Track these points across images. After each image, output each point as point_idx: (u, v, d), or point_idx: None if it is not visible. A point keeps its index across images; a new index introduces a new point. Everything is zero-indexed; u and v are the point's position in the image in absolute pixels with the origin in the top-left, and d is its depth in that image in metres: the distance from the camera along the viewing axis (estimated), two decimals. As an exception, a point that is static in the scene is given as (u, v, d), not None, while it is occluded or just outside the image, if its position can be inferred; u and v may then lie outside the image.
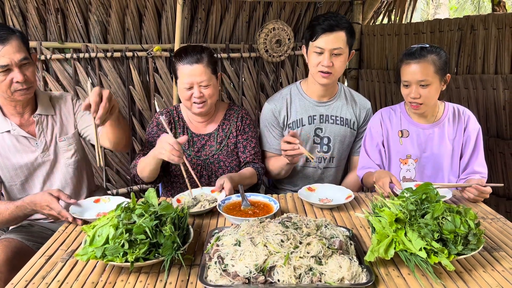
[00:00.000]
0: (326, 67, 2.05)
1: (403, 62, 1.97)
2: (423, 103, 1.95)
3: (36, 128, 1.91)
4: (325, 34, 2.02)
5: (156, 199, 1.41)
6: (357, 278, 1.17)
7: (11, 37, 1.72)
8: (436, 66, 1.90)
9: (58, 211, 1.64)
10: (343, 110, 2.27)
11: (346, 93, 2.32)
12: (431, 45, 1.97)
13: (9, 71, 1.73)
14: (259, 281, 1.14)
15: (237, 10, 3.32)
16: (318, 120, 2.25)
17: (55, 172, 1.97)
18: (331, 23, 2.01)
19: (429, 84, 1.91)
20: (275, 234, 1.25)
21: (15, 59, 1.72)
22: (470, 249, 1.25)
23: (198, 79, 1.96)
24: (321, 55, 2.05)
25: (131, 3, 2.96)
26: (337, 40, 2.03)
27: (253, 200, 1.77)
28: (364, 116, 2.30)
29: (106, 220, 1.32)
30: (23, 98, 1.81)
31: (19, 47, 1.74)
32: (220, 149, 2.14)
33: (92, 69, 3.04)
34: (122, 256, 1.22)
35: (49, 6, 2.80)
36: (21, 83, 1.75)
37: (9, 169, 1.88)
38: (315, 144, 2.28)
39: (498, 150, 2.61)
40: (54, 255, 1.39)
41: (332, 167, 2.33)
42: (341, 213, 1.71)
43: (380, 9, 3.83)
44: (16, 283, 1.23)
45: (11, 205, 1.73)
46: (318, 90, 2.23)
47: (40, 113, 1.92)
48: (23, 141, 1.89)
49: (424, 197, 1.37)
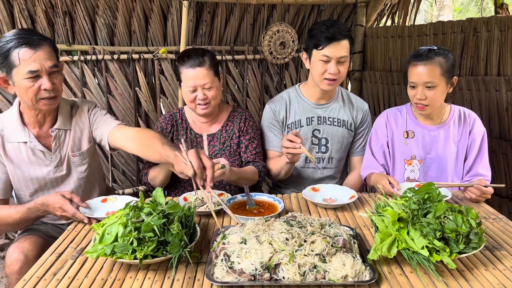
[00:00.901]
0: (333, 74, 2.11)
1: (410, 63, 1.99)
2: (429, 104, 1.97)
3: (53, 143, 1.87)
4: (332, 43, 2.07)
5: (164, 198, 1.44)
6: (361, 276, 1.19)
7: (43, 43, 1.71)
8: (443, 69, 1.92)
9: (72, 213, 1.63)
10: (340, 112, 2.32)
11: (344, 96, 2.37)
12: (439, 47, 1.99)
13: (38, 77, 1.70)
14: (264, 278, 1.17)
15: (242, 12, 3.35)
16: (316, 122, 2.31)
17: (66, 184, 1.95)
18: (336, 32, 2.06)
19: (435, 86, 1.93)
20: (280, 233, 1.28)
21: (45, 65, 1.70)
22: (471, 247, 1.27)
23: (201, 82, 2.01)
24: (327, 63, 2.11)
25: (138, 6, 3.00)
26: (342, 49, 2.09)
27: (258, 199, 1.80)
28: (361, 117, 2.35)
29: (115, 219, 1.36)
30: (47, 108, 1.79)
31: (50, 54, 1.73)
32: (223, 149, 2.18)
33: (99, 71, 3.08)
34: (131, 254, 1.25)
35: (57, 9, 2.84)
36: (48, 91, 1.72)
37: (20, 179, 1.87)
38: (313, 145, 2.34)
39: (501, 151, 2.62)
40: (64, 252, 1.42)
41: (331, 167, 2.37)
42: (344, 212, 1.73)
43: (383, 11, 3.84)
44: (28, 279, 1.26)
45: (22, 208, 1.72)
46: (317, 93, 2.29)
47: (58, 127, 1.88)
48: (39, 154, 1.86)
49: (426, 196, 1.39)
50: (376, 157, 2.16)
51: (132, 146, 1.86)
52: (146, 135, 1.82)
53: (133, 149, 1.87)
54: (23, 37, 1.68)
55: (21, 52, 1.66)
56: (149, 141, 1.75)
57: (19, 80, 1.69)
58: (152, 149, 1.73)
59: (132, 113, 3.22)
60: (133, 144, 1.85)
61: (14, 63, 1.67)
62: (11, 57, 1.66)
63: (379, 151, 2.16)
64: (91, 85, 3.06)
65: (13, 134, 1.83)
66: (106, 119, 1.97)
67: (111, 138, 1.93)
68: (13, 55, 1.66)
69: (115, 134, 1.91)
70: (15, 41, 1.66)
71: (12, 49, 1.66)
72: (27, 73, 1.67)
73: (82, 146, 1.96)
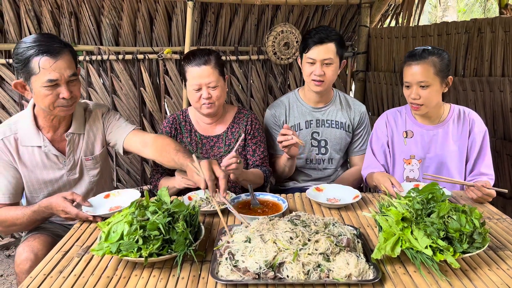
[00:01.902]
0: (318, 76, 2.20)
1: (405, 63, 2.01)
2: (423, 104, 1.98)
3: (67, 147, 1.88)
4: (316, 46, 2.18)
5: (169, 197, 1.45)
6: (364, 275, 1.19)
7: (64, 51, 1.69)
8: (436, 68, 1.93)
9: (74, 214, 1.64)
10: (338, 114, 2.40)
11: (341, 99, 2.45)
12: (434, 47, 2.00)
13: (57, 86, 1.69)
14: (268, 277, 1.18)
15: (246, 13, 3.37)
16: (314, 125, 2.39)
17: (78, 188, 1.96)
18: (321, 36, 2.17)
19: (428, 86, 1.94)
20: (284, 232, 1.28)
21: (65, 75, 1.69)
22: (475, 247, 1.27)
23: (206, 80, 2.03)
24: (313, 65, 2.22)
25: (143, 7, 3.02)
26: (327, 51, 2.18)
27: (262, 199, 1.80)
28: (359, 119, 2.42)
29: (120, 217, 1.37)
30: (63, 114, 1.79)
31: (70, 62, 1.71)
32: (229, 151, 2.18)
33: (104, 71, 3.10)
34: (136, 252, 1.26)
35: (63, 10, 2.86)
36: (67, 100, 1.72)
37: (33, 182, 1.87)
38: (313, 147, 2.41)
39: (505, 152, 2.62)
40: (70, 250, 1.44)
41: (331, 168, 2.45)
42: (348, 212, 1.74)
43: (387, 12, 3.85)
44: (35, 276, 1.27)
45: (28, 210, 1.73)
46: (313, 96, 2.38)
47: (73, 131, 1.88)
48: (52, 158, 1.87)
49: (430, 196, 1.39)
50: (377, 156, 2.18)
51: (149, 152, 1.89)
52: (162, 142, 1.85)
53: (149, 155, 1.90)
54: (44, 45, 1.65)
55: (42, 61, 1.64)
56: (164, 148, 1.80)
57: (37, 87, 1.68)
58: (167, 156, 1.78)
59: (136, 113, 3.24)
60: (150, 150, 1.88)
61: (34, 71, 1.65)
62: (31, 65, 1.65)
63: (379, 151, 2.18)
64: (96, 85, 3.08)
65: (27, 138, 1.82)
66: (120, 123, 1.99)
67: (126, 143, 1.95)
68: (33, 63, 1.65)
69: (132, 139, 1.94)
70: (36, 48, 1.64)
71: (32, 57, 1.64)
72: (46, 82, 1.66)
73: (95, 150, 1.97)
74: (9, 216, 1.76)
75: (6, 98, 2.89)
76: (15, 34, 2.82)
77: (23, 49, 1.66)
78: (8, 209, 1.79)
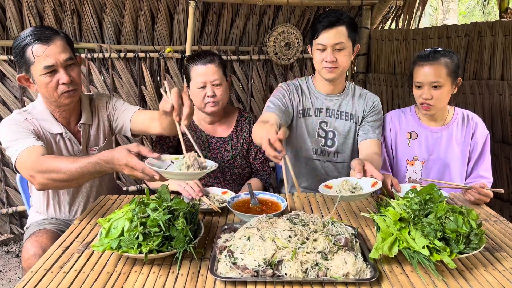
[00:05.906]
0: (330, 62, 2.04)
1: (416, 64, 2.02)
2: (434, 104, 2.00)
3: (82, 138, 1.90)
4: (326, 30, 2.01)
5: (169, 195, 1.47)
6: (362, 274, 1.21)
7: (55, 37, 1.70)
8: (448, 69, 1.95)
9: (141, 168, 1.42)
10: (349, 105, 2.23)
11: (355, 91, 2.27)
12: (444, 49, 2.03)
13: (55, 72, 1.70)
14: (267, 274, 1.19)
15: (248, 13, 3.38)
16: (324, 114, 2.23)
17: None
18: (331, 19, 2.01)
19: (441, 86, 1.96)
20: (283, 230, 1.30)
21: (60, 59, 1.69)
22: (471, 248, 1.29)
23: (211, 78, 2.06)
24: (324, 52, 2.05)
25: (144, 5, 3.04)
26: (338, 35, 2.02)
27: (261, 198, 1.82)
28: (371, 107, 2.22)
29: (121, 214, 1.38)
30: (69, 101, 1.78)
31: (63, 47, 1.71)
32: (236, 155, 2.22)
33: (105, 69, 3.11)
34: (137, 248, 1.27)
35: (65, 7, 2.88)
36: (67, 85, 1.72)
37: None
38: (320, 137, 2.25)
39: (503, 155, 2.64)
40: (70, 246, 1.45)
41: (337, 162, 2.28)
42: (347, 212, 1.75)
43: (388, 14, 3.86)
44: (36, 271, 1.29)
45: (82, 159, 1.55)
46: (325, 85, 2.21)
47: (84, 122, 1.90)
48: (70, 147, 1.88)
49: (428, 197, 1.41)
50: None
51: (157, 125, 1.83)
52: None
53: (158, 129, 1.85)
54: (36, 34, 1.69)
55: (34, 49, 1.67)
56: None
57: (37, 77, 1.71)
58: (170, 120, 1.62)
59: (137, 111, 3.24)
60: (157, 123, 1.82)
61: (30, 61, 1.68)
62: (26, 55, 1.68)
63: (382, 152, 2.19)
64: (97, 83, 3.09)
65: (47, 125, 1.82)
66: (125, 107, 1.99)
67: (133, 122, 1.94)
68: (28, 53, 1.68)
69: (138, 118, 1.93)
70: (28, 38, 1.68)
71: (26, 47, 1.68)
72: (43, 69, 1.68)
73: (100, 142, 1.99)
74: (54, 163, 1.56)
75: (8, 95, 2.90)
76: (17, 30, 2.83)
77: (18, 42, 1.70)
78: (52, 157, 1.62)
